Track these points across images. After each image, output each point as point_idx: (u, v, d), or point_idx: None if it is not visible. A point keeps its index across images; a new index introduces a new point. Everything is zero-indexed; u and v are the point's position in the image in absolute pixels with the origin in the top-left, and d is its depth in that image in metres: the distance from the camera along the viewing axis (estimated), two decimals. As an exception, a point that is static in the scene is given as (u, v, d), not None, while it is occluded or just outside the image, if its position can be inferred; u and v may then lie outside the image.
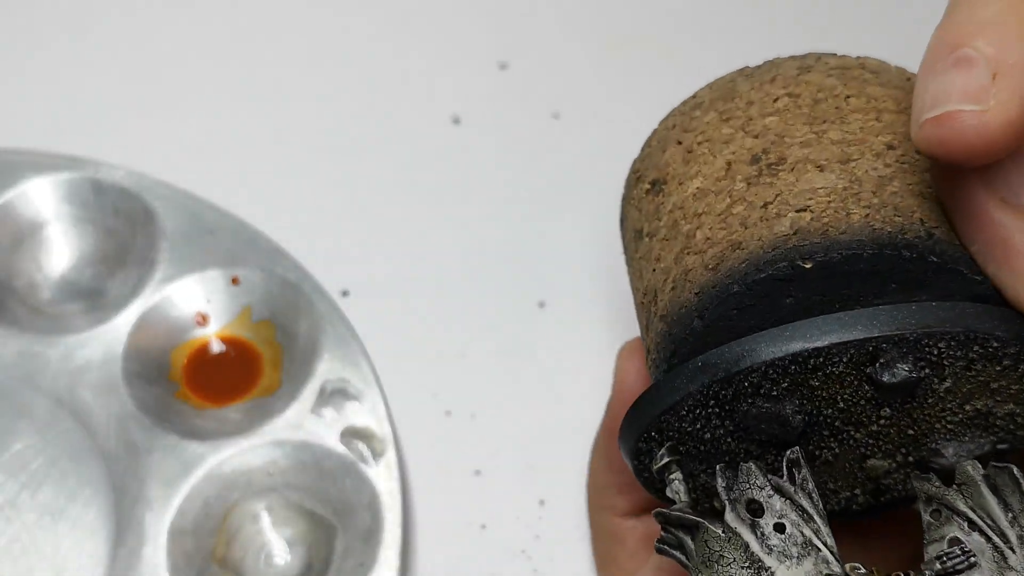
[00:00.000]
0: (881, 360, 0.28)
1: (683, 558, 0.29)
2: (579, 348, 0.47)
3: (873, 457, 0.31)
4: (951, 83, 0.26)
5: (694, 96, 0.35)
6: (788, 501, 0.28)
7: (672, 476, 0.30)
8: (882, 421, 0.30)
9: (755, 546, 0.28)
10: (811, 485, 0.29)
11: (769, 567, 0.28)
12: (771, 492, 0.28)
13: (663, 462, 0.30)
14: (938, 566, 0.28)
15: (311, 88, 0.53)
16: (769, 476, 0.29)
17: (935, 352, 0.28)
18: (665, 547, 0.29)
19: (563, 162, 0.52)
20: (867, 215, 0.29)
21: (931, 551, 0.28)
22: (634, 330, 0.48)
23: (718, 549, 0.28)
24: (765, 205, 0.30)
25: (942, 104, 0.26)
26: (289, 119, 0.52)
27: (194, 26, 0.55)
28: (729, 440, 0.30)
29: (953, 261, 0.29)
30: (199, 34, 0.54)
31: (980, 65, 0.26)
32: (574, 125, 0.53)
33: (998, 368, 0.28)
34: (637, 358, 0.36)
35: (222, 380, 0.44)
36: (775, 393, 0.29)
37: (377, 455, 0.42)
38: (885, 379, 0.28)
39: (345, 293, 0.47)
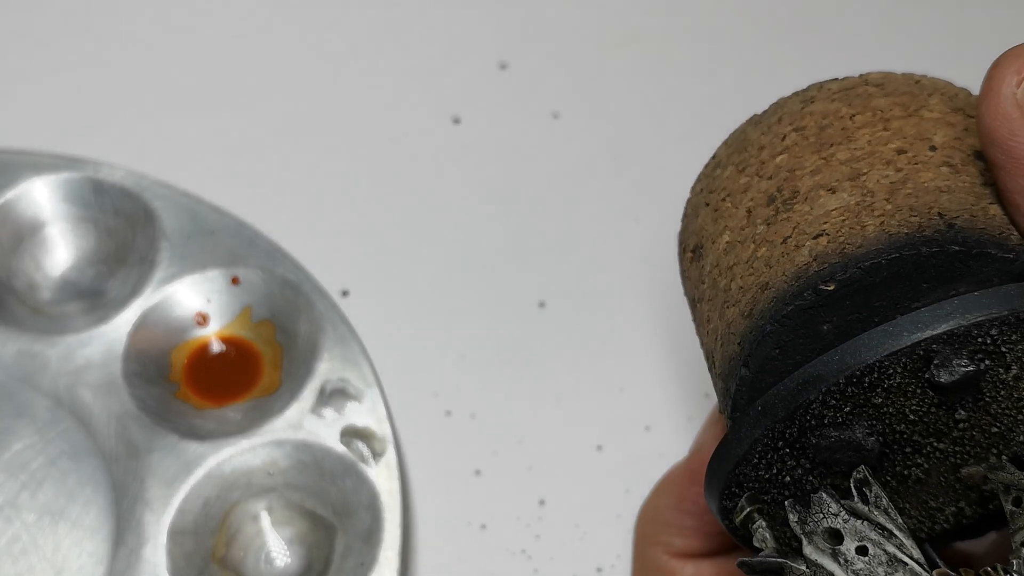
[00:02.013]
0: (935, 361, 0.28)
1: None
2: (579, 348, 0.47)
3: (966, 465, 0.30)
4: None
5: (713, 156, 0.35)
6: (865, 522, 0.28)
7: (755, 525, 0.30)
8: (961, 425, 0.29)
9: (840, 574, 0.27)
10: (885, 501, 0.28)
11: None
12: (847, 516, 0.28)
13: (744, 513, 0.30)
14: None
15: (311, 88, 0.53)
16: (842, 501, 0.28)
17: (989, 340, 0.27)
18: None
19: (563, 162, 0.52)
20: (881, 223, 0.29)
21: (1018, 539, 0.27)
22: (633, 332, 0.48)
23: None
24: (784, 240, 0.30)
25: None
26: (289, 119, 0.52)
27: (194, 26, 0.55)
28: (811, 478, 0.30)
29: (979, 245, 0.28)
30: (199, 34, 0.54)
31: None
32: (574, 125, 0.53)
33: None
34: (721, 423, 0.37)
35: (222, 380, 0.44)
36: (840, 420, 0.28)
37: (377, 455, 0.42)
38: (944, 379, 0.28)
39: (345, 293, 0.47)
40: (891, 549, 0.27)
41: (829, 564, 0.27)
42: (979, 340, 0.27)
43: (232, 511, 0.41)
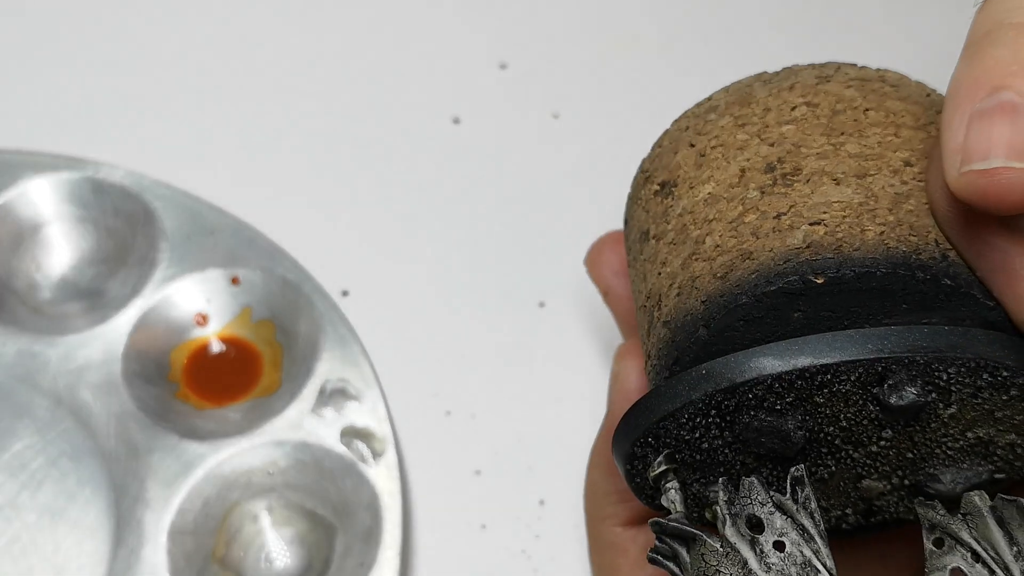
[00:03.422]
0: (890, 382, 0.28)
1: (677, 570, 0.29)
2: (579, 348, 0.47)
3: (869, 478, 0.30)
4: (997, 134, 0.25)
5: (709, 99, 0.35)
6: (789, 519, 0.28)
7: (668, 484, 0.30)
8: (883, 442, 0.29)
9: (753, 563, 0.27)
10: (813, 504, 0.28)
11: None
12: (772, 509, 0.28)
13: (660, 470, 0.30)
14: None
15: (311, 88, 0.53)
16: (772, 493, 0.28)
17: (944, 377, 0.28)
18: (659, 557, 0.29)
19: (563, 162, 0.52)
20: (882, 232, 0.29)
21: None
22: (634, 332, 0.48)
23: (715, 564, 0.28)
24: (778, 216, 0.30)
25: (987, 157, 0.25)
26: (289, 119, 0.52)
27: (194, 26, 0.55)
28: (727, 451, 0.30)
29: (967, 285, 0.28)
30: (199, 34, 0.54)
31: None
32: (574, 125, 0.53)
33: (1004, 397, 0.28)
34: (635, 361, 0.36)
35: (222, 380, 0.44)
36: (779, 407, 0.29)
37: (377, 455, 0.42)
38: (892, 401, 0.28)
39: (345, 293, 0.47)
40: (808, 553, 0.27)
41: (745, 550, 0.27)
42: (936, 374, 0.28)
43: (232, 511, 0.41)
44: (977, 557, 0.28)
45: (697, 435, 0.30)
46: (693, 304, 0.30)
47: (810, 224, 0.29)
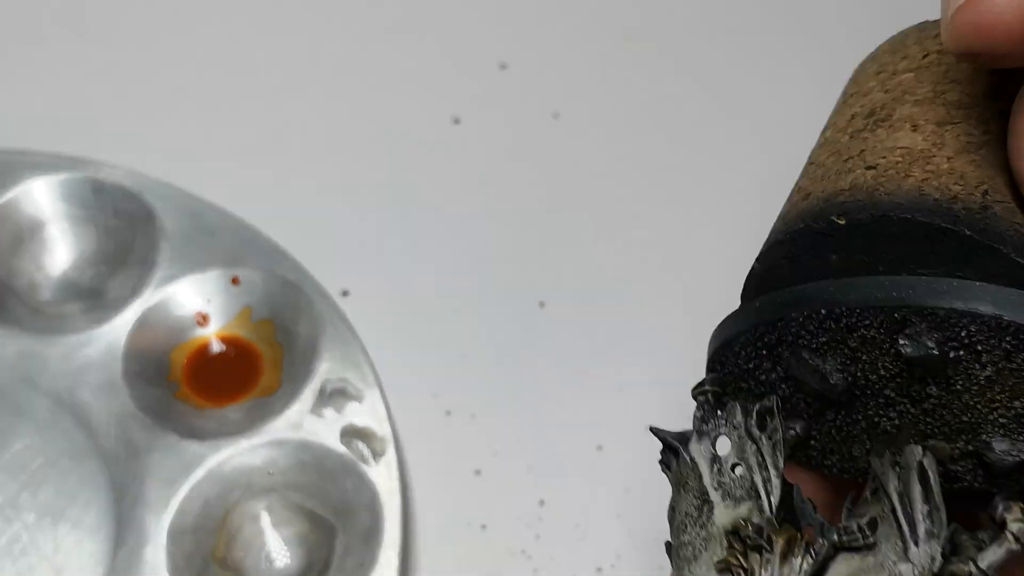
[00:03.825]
0: (907, 331, 0.27)
1: (670, 475, 0.30)
2: (579, 348, 0.47)
3: (935, 437, 0.29)
4: None
5: (881, 44, 0.34)
6: (753, 446, 0.29)
7: (700, 399, 0.30)
8: (932, 400, 0.29)
9: (707, 479, 0.29)
10: (778, 436, 0.29)
11: (711, 501, 0.28)
12: (742, 434, 0.29)
13: (700, 388, 0.31)
14: (835, 536, 0.28)
15: (311, 88, 0.53)
16: (747, 419, 0.29)
17: (964, 334, 0.27)
18: (662, 464, 0.30)
19: (563, 162, 0.52)
20: (924, 179, 0.28)
21: (847, 521, 0.28)
22: (633, 332, 0.48)
23: (684, 475, 0.29)
24: (847, 159, 0.30)
25: None
26: (289, 119, 0.52)
27: (194, 26, 0.55)
28: (783, 387, 0.30)
29: (995, 239, 0.27)
30: (199, 34, 0.54)
31: None
32: (574, 125, 0.53)
33: None
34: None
35: (222, 380, 0.44)
36: (815, 346, 0.29)
37: (377, 455, 0.42)
38: (907, 351, 0.27)
39: (345, 293, 0.47)
40: (758, 479, 0.28)
41: (704, 467, 0.29)
42: (955, 329, 0.27)
43: (232, 511, 0.41)
44: (893, 511, 0.28)
45: (751, 366, 0.30)
46: (766, 239, 0.31)
47: (865, 168, 0.29)
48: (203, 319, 0.45)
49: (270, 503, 0.42)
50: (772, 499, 0.28)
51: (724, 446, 0.29)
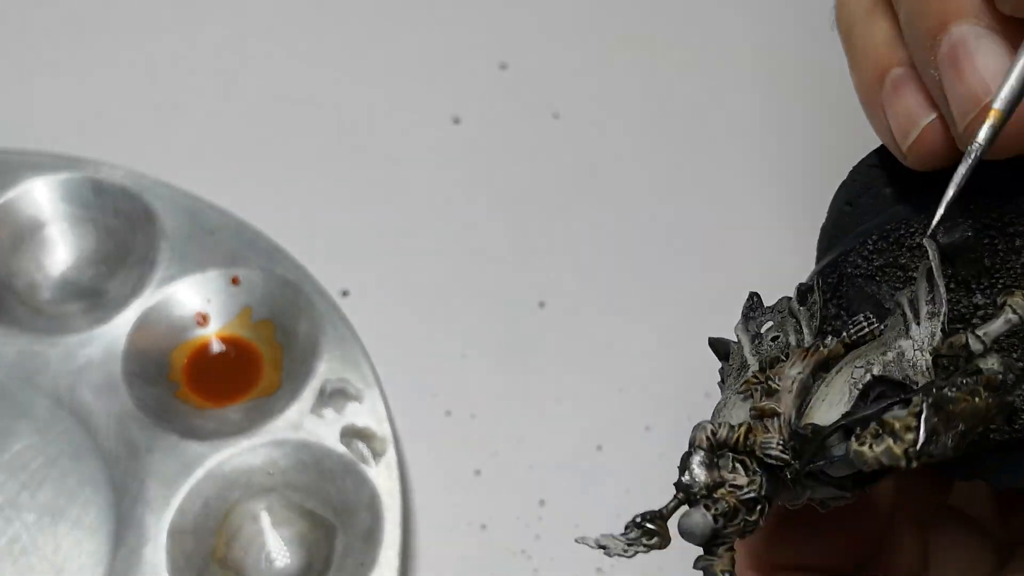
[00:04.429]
0: (945, 225, 0.28)
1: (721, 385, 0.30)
2: (579, 348, 0.47)
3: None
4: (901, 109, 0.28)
5: None
6: (793, 320, 0.29)
7: (758, 320, 0.31)
8: (980, 313, 0.28)
9: (747, 350, 0.29)
10: (816, 309, 0.29)
11: (748, 364, 0.29)
12: (784, 313, 0.29)
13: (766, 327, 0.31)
14: (844, 333, 0.28)
15: (311, 88, 0.53)
16: (789, 302, 0.29)
17: (994, 216, 0.28)
18: (720, 374, 0.30)
19: (563, 162, 0.52)
20: None
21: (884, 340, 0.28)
22: (633, 332, 0.48)
23: (731, 360, 0.29)
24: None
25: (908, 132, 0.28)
26: (289, 119, 0.52)
27: (194, 26, 0.55)
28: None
29: None
30: (199, 34, 0.54)
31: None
32: (574, 125, 0.53)
33: None
34: None
35: (222, 380, 0.44)
36: (870, 273, 0.29)
37: (377, 455, 0.42)
38: (942, 240, 0.28)
39: (345, 293, 0.47)
40: (792, 340, 0.29)
41: (745, 341, 0.29)
42: (987, 216, 0.28)
43: (232, 511, 0.41)
44: (901, 305, 0.28)
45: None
46: None
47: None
48: (203, 319, 0.45)
49: (270, 503, 0.42)
50: (808, 343, 0.28)
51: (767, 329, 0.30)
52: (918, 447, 0.23)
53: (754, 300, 0.30)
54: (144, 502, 0.41)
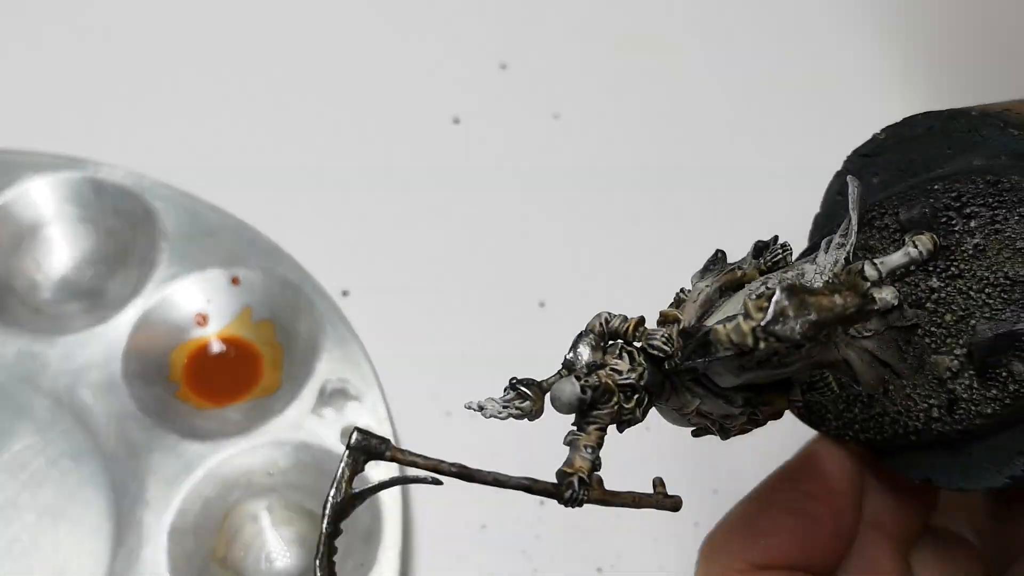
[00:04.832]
0: (907, 203, 0.30)
1: None
2: (579, 348, 0.47)
3: (937, 352, 0.30)
4: None
5: None
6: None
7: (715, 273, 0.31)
8: (934, 296, 0.30)
9: (809, 266, 0.28)
10: (773, 260, 0.29)
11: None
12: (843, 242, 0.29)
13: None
14: (760, 260, 0.28)
15: (311, 88, 0.53)
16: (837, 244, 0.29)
17: (953, 195, 0.29)
18: None
19: (563, 162, 0.52)
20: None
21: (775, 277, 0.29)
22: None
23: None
24: None
25: None
26: (289, 119, 0.52)
27: (194, 26, 0.55)
28: None
29: (996, 116, 0.29)
30: (200, 34, 0.54)
31: None
32: (574, 125, 0.53)
33: (1016, 217, 0.29)
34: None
35: (222, 380, 0.44)
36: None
37: (377, 455, 0.42)
38: (902, 216, 0.29)
39: (345, 293, 0.47)
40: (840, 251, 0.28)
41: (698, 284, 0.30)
42: (946, 196, 0.29)
43: (232, 511, 0.41)
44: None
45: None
46: None
47: None
48: (203, 319, 0.45)
49: (270, 503, 0.42)
50: (851, 253, 0.28)
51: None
52: (763, 324, 0.23)
53: (718, 255, 0.30)
54: (144, 502, 0.41)
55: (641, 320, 0.27)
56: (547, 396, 0.28)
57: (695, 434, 0.29)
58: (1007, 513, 0.34)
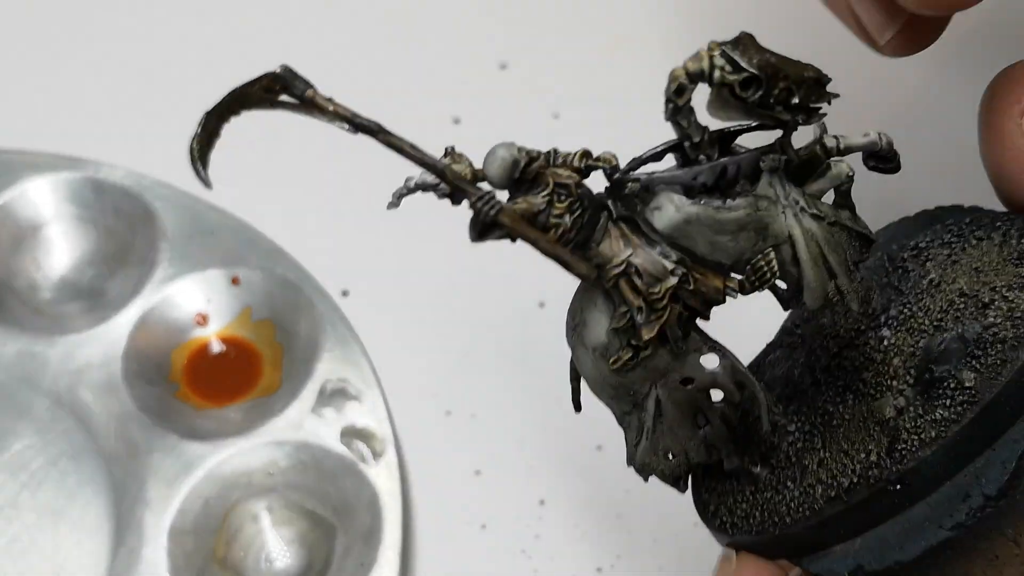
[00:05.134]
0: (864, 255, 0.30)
1: None
2: (579, 348, 0.47)
3: (880, 397, 0.29)
4: None
5: None
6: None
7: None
8: (884, 345, 0.29)
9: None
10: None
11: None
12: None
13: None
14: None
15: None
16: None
17: (912, 250, 0.31)
18: None
19: (563, 162, 0.52)
20: None
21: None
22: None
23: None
24: None
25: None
26: (289, 119, 0.52)
27: (194, 26, 0.55)
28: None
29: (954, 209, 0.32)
30: (199, 34, 0.54)
31: None
32: (574, 125, 0.52)
33: (974, 241, 0.30)
34: None
35: (222, 380, 0.44)
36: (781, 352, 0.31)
37: (377, 455, 0.42)
38: (862, 266, 0.30)
39: (345, 293, 0.47)
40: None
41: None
42: (907, 250, 0.31)
43: (232, 511, 0.41)
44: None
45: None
46: None
47: None
48: (203, 319, 0.45)
49: (270, 503, 0.42)
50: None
51: None
52: (722, 45, 0.28)
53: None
54: (144, 502, 0.41)
55: (587, 152, 0.27)
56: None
57: (618, 370, 0.29)
58: None
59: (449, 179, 0.26)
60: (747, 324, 0.33)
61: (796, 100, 0.26)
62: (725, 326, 0.30)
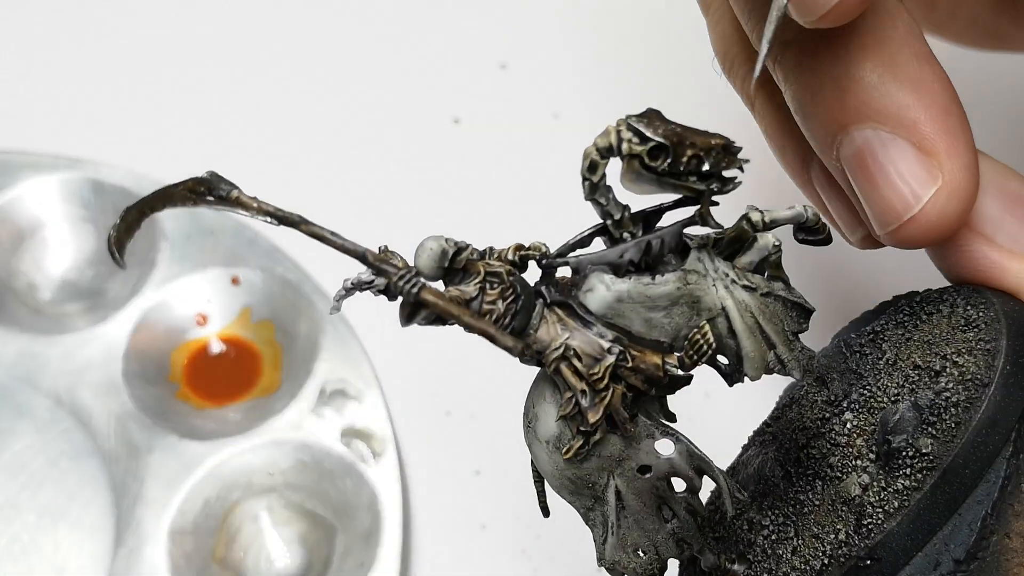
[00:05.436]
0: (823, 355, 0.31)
1: None
2: (579, 348, 0.47)
3: (845, 478, 0.30)
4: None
5: None
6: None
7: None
8: (847, 428, 0.30)
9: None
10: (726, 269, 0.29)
11: None
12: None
13: None
14: None
15: (311, 89, 0.53)
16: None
17: (869, 335, 0.31)
18: None
19: (563, 162, 0.51)
20: None
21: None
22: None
23: None
24: None
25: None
26: (289, 120, 0.52)
27: (194, 26, 0.55)
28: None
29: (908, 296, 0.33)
30: (199, 34, 0.54)
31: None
32: (574, 125, 0.52)
33: (924, 316, 0.31)
34: None
35: (222, 380, 0.44)
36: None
37: (377, 455, 0.42)
38: (820, 361, 0.30)
39: (345, 293, 0.47)
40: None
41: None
42: (864, 336, 0.31)
43: (232, 511, 0.41)
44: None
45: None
46: None
47: None
48: (203, 319, 0.45)
49: (270, 503, 0.42)
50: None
51: None
52: (628, 119, 0.29)
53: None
54: (144, 502, 0.41)
55: (519, 245, 0.28)
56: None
57: (572, 458, 0.28)
58: None
59: (371, 262, 0.27)
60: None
61: (707, 167, 0.27)
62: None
